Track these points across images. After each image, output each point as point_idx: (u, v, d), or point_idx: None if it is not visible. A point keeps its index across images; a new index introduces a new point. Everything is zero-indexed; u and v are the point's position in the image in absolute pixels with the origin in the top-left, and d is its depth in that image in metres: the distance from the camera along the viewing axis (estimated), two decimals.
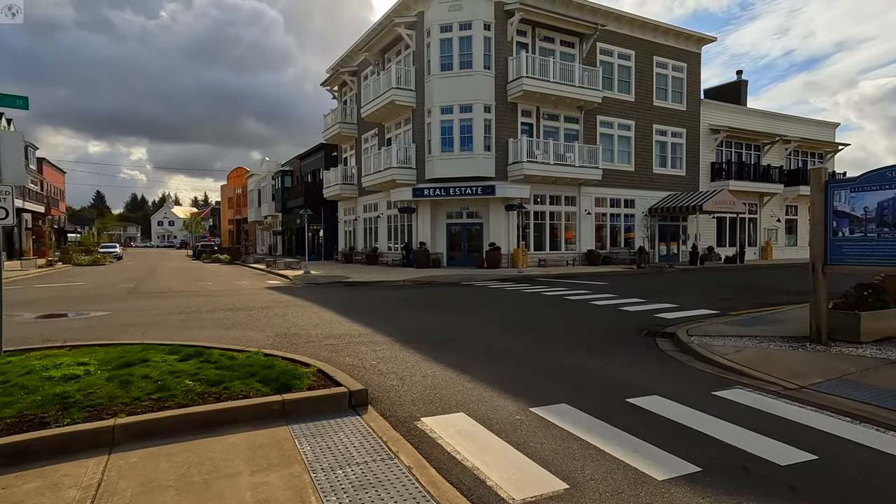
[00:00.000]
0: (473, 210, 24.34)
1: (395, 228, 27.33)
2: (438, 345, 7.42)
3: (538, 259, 24.25)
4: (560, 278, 19.32)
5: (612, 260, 25.77)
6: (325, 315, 10.08)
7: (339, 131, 31.14)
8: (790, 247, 34.64)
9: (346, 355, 6.68)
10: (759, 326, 8.47)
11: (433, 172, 23.59)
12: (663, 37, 28.00)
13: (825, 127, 37.16)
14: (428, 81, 23.78)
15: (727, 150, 31.25)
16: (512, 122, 23.69)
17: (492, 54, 23.21)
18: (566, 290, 14.73)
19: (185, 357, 5.36)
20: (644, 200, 27.51)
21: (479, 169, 23.07)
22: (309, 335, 8.00)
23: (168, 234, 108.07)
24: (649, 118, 27.72)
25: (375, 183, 26.06)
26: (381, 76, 25.37)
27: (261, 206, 51.24)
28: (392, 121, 27.07)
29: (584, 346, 7.37)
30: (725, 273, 22.24)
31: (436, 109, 23.48)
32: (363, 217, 31.04)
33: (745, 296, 13.25)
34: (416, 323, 9.34)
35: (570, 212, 25.47)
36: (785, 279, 18.96)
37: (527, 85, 22.47)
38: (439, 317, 10.12)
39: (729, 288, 15.36)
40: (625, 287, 15.65)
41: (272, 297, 13.40)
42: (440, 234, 24.71)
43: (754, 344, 7.14)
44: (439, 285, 16.92)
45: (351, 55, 30.63)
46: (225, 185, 67.41)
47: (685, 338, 7.57)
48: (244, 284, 17.40)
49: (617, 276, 20.70)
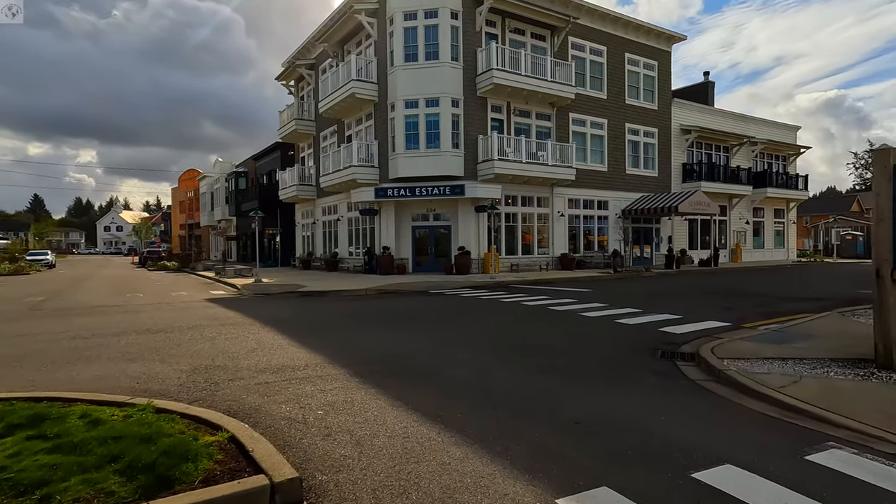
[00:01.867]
0: (441, 212, 22.68)
1: (356, 232, 25.39)
2: (409, 379, 5.68)
3: (510, 264, 22.78)
4: (537, 284, 17.86)
5: (586, 264, 24.58)
6: (267, 337, 8.17)
7: (296, 128, 28.96)
8: (758, 249, 34.46)
9: (283, 401, 4.86)
10: (793, 344, 7.10)
11: (397, 171, 21.82)
12: (634, 33, 27.15)
13: (788, 129, 37.37)
14: (391, 73, 22.03)
15: (697, 150, 30.72)
16: (481, 118, 22.18)
17: (460, 45, 21.67)
18: (548, 298, 13.22)
19: (9, 428, 3.42)
20: (617, 202, 26.51)
21: (447, 168, 21.44)
22: (238, 368, 6.11)
23: (116, 240, 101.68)
24: (622, 117, 26.78)
25: (334, 183, 24.07)
26: (341, 68, 23.45)
27: (213, 210, 48.14)
28: (353, 116, 25.16)
29: (596, 377, 5.78)
30: (706, 277, 21.32)
31: (400, 103, 21.74)
32: (322, 220, 28.92)
33: (743, 303, 12.05)
34: (379, 345, 7.57)
35: (542, 213, 24.15)
36: (771, 283, 18.08)
37: (497, 78, 21.02)
38: (408, 336, 8.38)
39: (720, 294, 14.20)
40: (610, 294, 14.28)
41: (208, 311, 11.34)
42: (405, 237, 22.93)
43: (807, 371, 5.71)
44: (406, 295, 15.15)
45: (308, 47, 28.55)
46: (176, 188, 63.54)
47: (716, 362, 6.10)
48: (181, 296, 15.16)
49: (596, 281, 19.41)
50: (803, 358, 6.25)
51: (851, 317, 9.32)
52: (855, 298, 12.85)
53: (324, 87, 25.05)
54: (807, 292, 14.52)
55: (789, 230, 37.09)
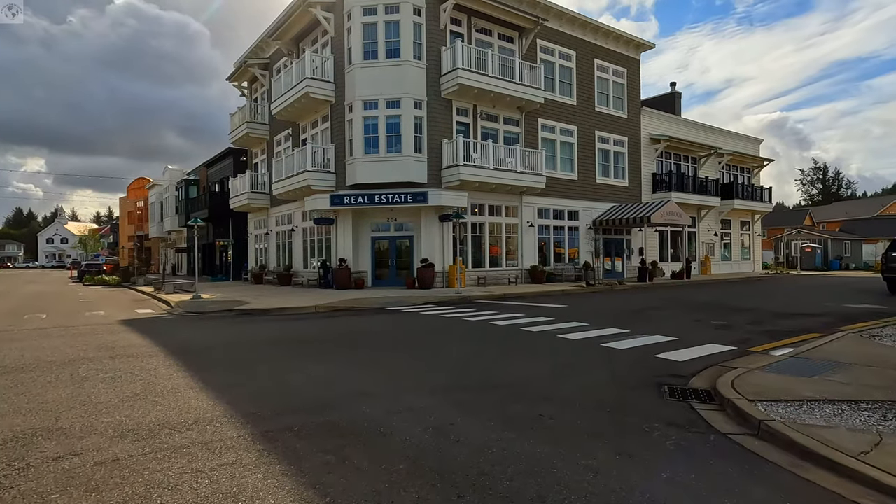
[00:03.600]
0: (403, 221, 21.02)
1: (312, 243, 23.43)
2: (338, 441, 3.97)
3: (477, 277, 21.25)
4: (506, 300, 16.37)
5: (556, 277, 23.30)
6: (163, 375, 6.30)
7: (247, 132, 26.88)
8: (725, 261, 34.09)
9: (120, 502, 3.08)
10: (828, 377, 5.71)
11: (355, 177, 20.09)
12: (604, 39, 26.38)
13: (752, 142, 37.45)
14: (349, 72, 20.38)
15: (667, 161, 30.12)
16: (446, 121, 20.73)
17: (423, 43, 20.24)
18: (521, 316, 11.70)
19: None
20: (588, 212, 25.44)
21: (409, 173, 19.83)
22: (88, 432, 4.25)
23: (60, 252, 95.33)
24: (592, 124, 25.84)
25: (287, 190, 22.12)
26: (294, 66, 21.64)
27: (163, 221, 45.12)
28: (308, 119, 23.34)
29: (597, 435, 4.20)
30: (682, 290, 20.30)
31: (358, 104, 20.08)
32: (276, 231, 26.81)
33: (737, 320, 10.80)
34: (309, 385, 5.82)
35: (511, 223, 22.78)
36: (752, 296, 17.10)
37: (463, 78, 19.64)
38: (352, 369, 6.65)
39: (706, 310, 12.98)
40: (588, 311, 12.88)
41: (110, 339, 9.28)
42: (364, 249, 21.14)
43: (879, 423, 4.27)
44: (360, 313, 13.37)
45: (261, 45, 26.65)
46: (124, 197, 59.79)
47: (748, 406, 4.63)
48: (95, 317, 12.95)
49: (569, 295, 18.06)
50: (858, 400, 4.84)
51: (872, 338, 8.11)
52: (849, 314, 11.84)
53: (277, 88, 23.16)
54: (796, 307, 13.48)
55: (755, 242, 37.00)
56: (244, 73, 27.69)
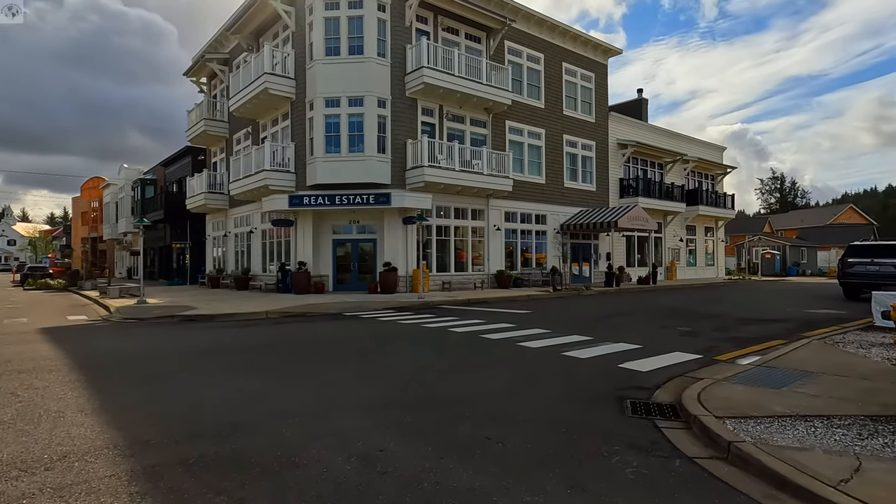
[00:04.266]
0: (366, 224, 20.31)
1: (271, 246, 22.46)
2: (238, 476, 3.31)
3: (442, 282, 20.67)
4: (470, 305, 15.84)
5: (523, 282, 22.92)
6: (54, 395, 5.47)
7: (205, 130, 25.73)
8: (690, 266, 34.43)
9: None
10: (797, 388, 5.32)
11: (315, 178, 19.29)
12: (572, 43, 26.28)
13: (715, 150, 38.06)
14: (310, 68, 19.61)
15: (634, 166, 30.22)
16: (411, 121, 20.14)
17: (387, 40, 19.63)
18: (481, 322, 11.16)
19: None
20: (555, 216, 25.19)
21: (372, 174, 19.15)
22: None
23: (7, 255, 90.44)
24: (560, 127, 25.66)
25: (245, 190, 21.14)
26: (253, 61, 20.72)
27: (118, 222, 43.04)
28: (268, 116, 22.41)
29: (548, 464, 3.64)
30: (649, 295, 20.16)
31: (319, 101, 19.32)
32: (234, 233, 25.70)
33: (703, 327, 10.51)
34: (229, 403, 5.11)
35: (477, 227, 22.30)
36: (717, 302, 17.01)
37: (428, 77, 19.10)
38: (284, 383, 5.97)
39: (672, 316, 12.71)
40: (552, 317, 12.44)
41: (16, 349, 8.27)
42: (325, 252, 20.33)
43: (855, 442, 3.85)
44: (314, 319, 12.62)
45: (220, 40, 25.58)
46: (78, 197, 57.05)
47: (716, 425, 4.16)
48: (16, 324, 11.82)
49: (535, 301, 17.65)
50: (831, 416, 4.43)
51: (835, 345, 7.86)
52: (811, 319, 11.74)
53: (235, 83, 22.16)
54: (760, 312, 13.34)
55: (718, 248, 37.55)
56: (202, 68, 26.54)
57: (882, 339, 8.33)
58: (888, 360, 6.80)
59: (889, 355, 7.09)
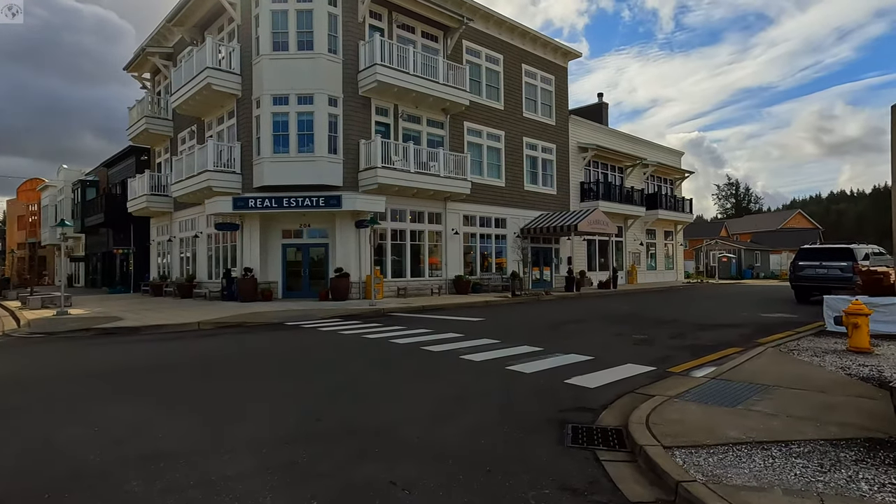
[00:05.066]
0: (317, 228, 19.36)
1: (218, 251, 21.21)
2: None
3: (397, 288, 19.89)
4: (423, 312, 15.12)
5: (483, 287, 22.35)
6: None
7: (147, 128, 24.25)
8: (651, 270, 34.66)
9: None
10: (753, 406, 4.81)
11: (262, 179, 18.26)
12: (531, 44, 26.01)
13: (674, 154, 38.61)
14: (256, 63, 18.60)
15: (594, 170, 30.18)
16: (364, 121, 19.34)
17: (339, 36, 18.80)
18: (429, 332, 10.46)
19: None
20: (515, 220, 24.77)
21: (323, 175, 18.25)
22: None
23: None
24: (520, 130, 25.29)
25: (188, 192, 19.88)
26: (195, 54, 19.52)
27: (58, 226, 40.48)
28: (213, 114, 21.21)
29: None
30: (608, 300, 19.89)
31: (266, 99, 18.31)
32: (179, 238, 24.26)
33: (658, 334, 10.09)
34: (88, 441, 4.23)
35: (435, 231, 21.63)
36: (675, 306, 16.82)
37: (381, 75, 18.36)
38: (171, 412, 5.11)
39: (629, 322, 12.30)
40: (506, 325, 11.85)
41: None
42: (274, 257, 19.27)
43: (816, 475, 3.30)
44: (251, 330, 11.66)
45: (164, 33, 24.17)
46: (13, 200, 53.62)
47: (665, 460, 3.56)
48: None
49: (492, 307, 17.08)
50: (789, 441, 3.90)
51: (790, 353, 7.49)
52: (765, 324, 11.54)
53: (177, 79, 20.89)
54: (716, 317, 13.11)
55: (678, 252, 38.02)
56: (144, 62, 25.06)
57: (834, 346, 8.04)
58: (842, 368, 6.44)
59: (842, 363, 6.75)
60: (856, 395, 5.17)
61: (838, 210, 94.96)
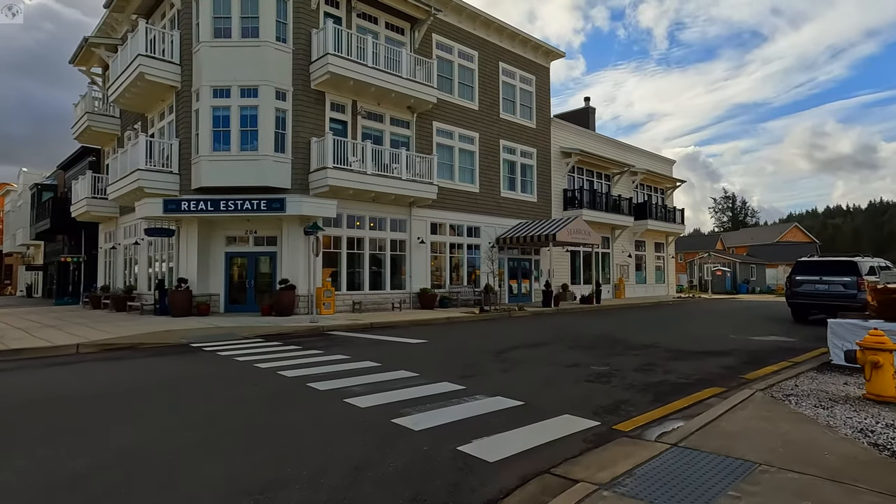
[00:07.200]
0: (264, 234, 17.45)
1: (158, 260, 19.24)
2: None
3: (353, 302, 17.93)
4: (368, 331, 13.18)
5: (451, 301, 20.40)
6: None
7: (89, 125, 22.37)
8: (640, 284, 32.74)
9: None
10: None
11: (200, 180, 16.39)
12: (510, 42, 24.34)
13: (665, 162, 36.93)
14: (196, 52, 16.82)
15: (579, 177, 28.40)
16: (318, 117, 17.52)
17: (289, 24, 17.06)
18: (346, 359, 8.50)
19: None
20: (490, 228, 22.89)
21: (268, 176, 16.39)
22: None
23: None
24: (496, 132, 23.52)
25: (121, 194, 18.02)
26: (129, 41, 17.75)
27: (16, 233, 38.53)
28: (156, 109, 19.38)
29: None
30: (584, 317, 17.96)
31: (206, 91, 16.50)
32: (123, 244, 22.29)
33: (623, 364, 8.14)
34: None
35: (398, 240, 19.71)
36: (656, 326, 14.90)
37: (334, 66, 16.57)
38: None
39: (595, 347, 10.36)
40: (445, 350, 9.92)
41: None
42: (216, 267, 17.32)
43: None
44: (139, 354, 9.66)
45: (110, 23, 22.39)
46: None
47: None
48: None
49: (451, 325, 15.13)
50: None
51: (786, 400, 5.56)
52: (756, 351, 9.63)
53: (114, 70, 19.10)
54: (699, 341, 11.19)
55: (669, 265, 36.16)
56: (89, 55, 23.19)
57: (845, 388, 6.13)
58: (861, 432, 4.49)
59: (862, 421, 4.80)
60: (893, 492, 3.24)
61: (834, 224, 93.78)
